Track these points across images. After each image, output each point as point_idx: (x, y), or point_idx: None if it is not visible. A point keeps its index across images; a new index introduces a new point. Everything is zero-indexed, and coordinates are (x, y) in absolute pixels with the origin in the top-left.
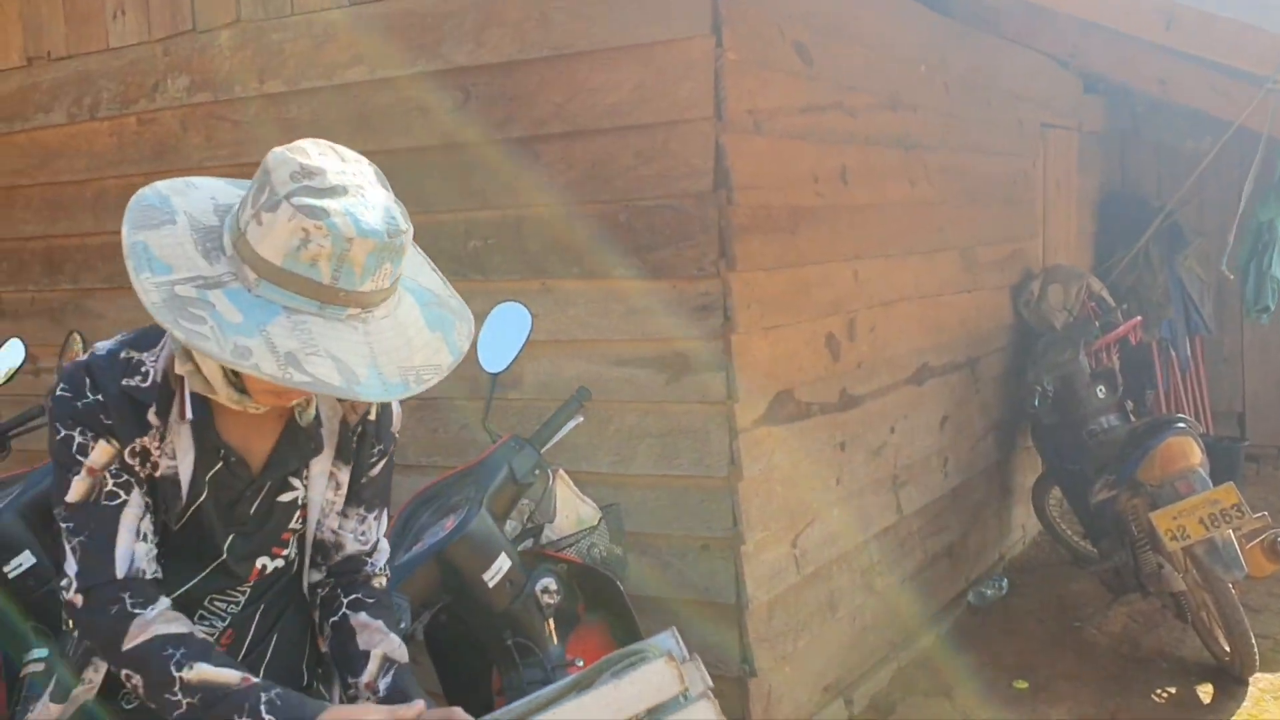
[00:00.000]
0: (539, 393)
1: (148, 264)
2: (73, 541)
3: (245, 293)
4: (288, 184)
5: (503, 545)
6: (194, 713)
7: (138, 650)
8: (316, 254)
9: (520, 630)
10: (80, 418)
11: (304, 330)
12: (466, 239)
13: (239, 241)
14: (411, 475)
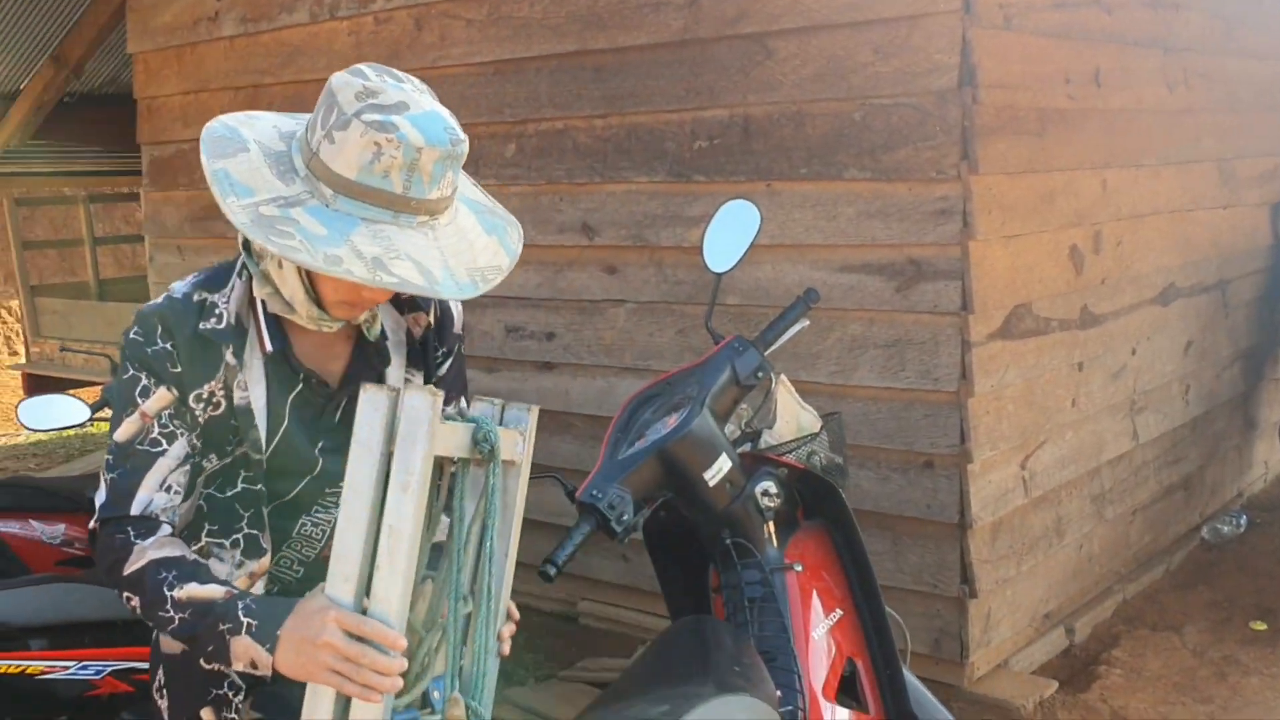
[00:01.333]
0: (757, 299)
1: (231, 189)
2: (107, 475)
3: (323, 208)
4: (354, 103)
5: (724, 445)
6: (184, 625)
7: (136, 574)
8: (389, 165)
9: (739, 530)
10: (148, 362)
11: (383, 238)
12: (692, 139)
13: (312, 162)
14: (627, 378)
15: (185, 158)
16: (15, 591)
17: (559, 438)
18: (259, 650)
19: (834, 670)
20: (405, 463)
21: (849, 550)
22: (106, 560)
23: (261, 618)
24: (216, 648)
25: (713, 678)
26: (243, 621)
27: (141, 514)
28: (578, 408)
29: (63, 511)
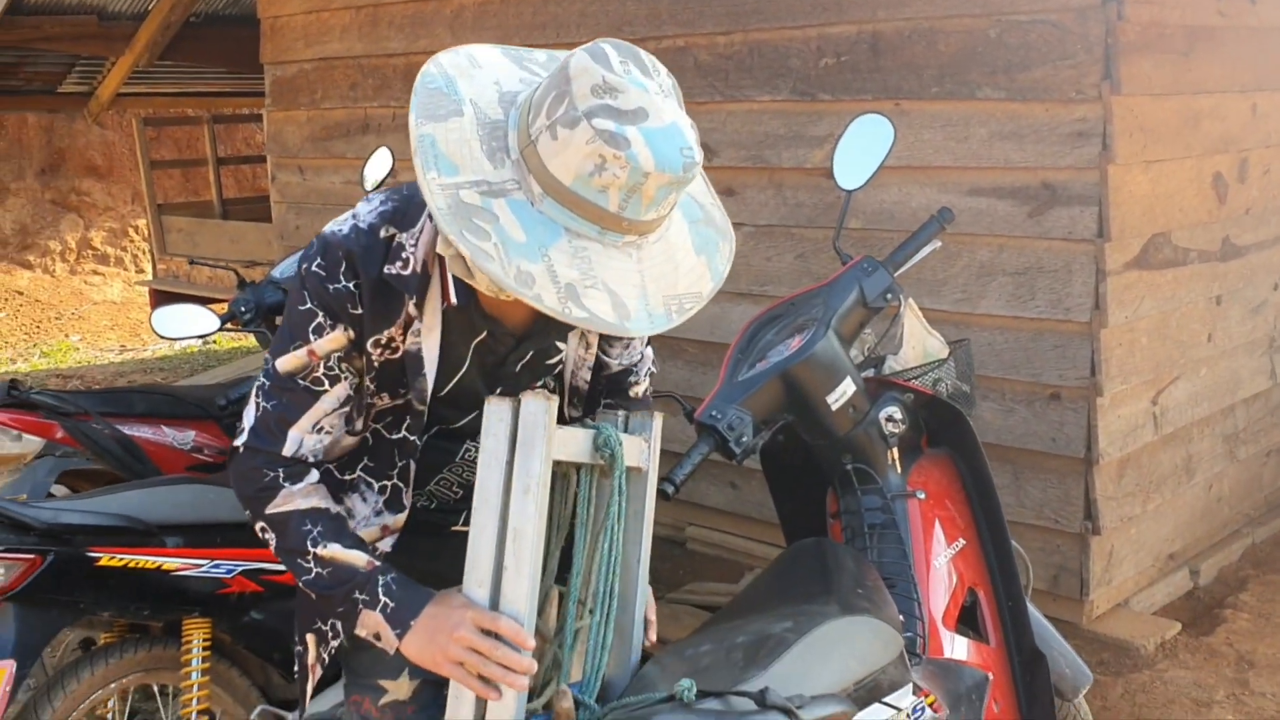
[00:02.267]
0: (881, 222)
1: (434, 162)
2: (261, 402)
3: (528, 206)
4: (589, 99)
5: (848, 369)
6: (319, 580)
7: (279, 516)
8: (609, 183)
9: (860, 456)
10: (328, 301)
11: (584, 258)
12: (818, 56)
13: (527, 150)
14: (742, 304)
15: (307, 77)
16: (152, 490)
17: (670, 363)
18: (388, 630)
19: (954, 599)
20: (525, 467)
21: (974, 479)
22: (247, 489)
23: (399, 601)
24: (346, 611)
25: (836, 598)
26: (380, 599)
27: (293, 455)
28: (690, 333)
29: (193, 419)
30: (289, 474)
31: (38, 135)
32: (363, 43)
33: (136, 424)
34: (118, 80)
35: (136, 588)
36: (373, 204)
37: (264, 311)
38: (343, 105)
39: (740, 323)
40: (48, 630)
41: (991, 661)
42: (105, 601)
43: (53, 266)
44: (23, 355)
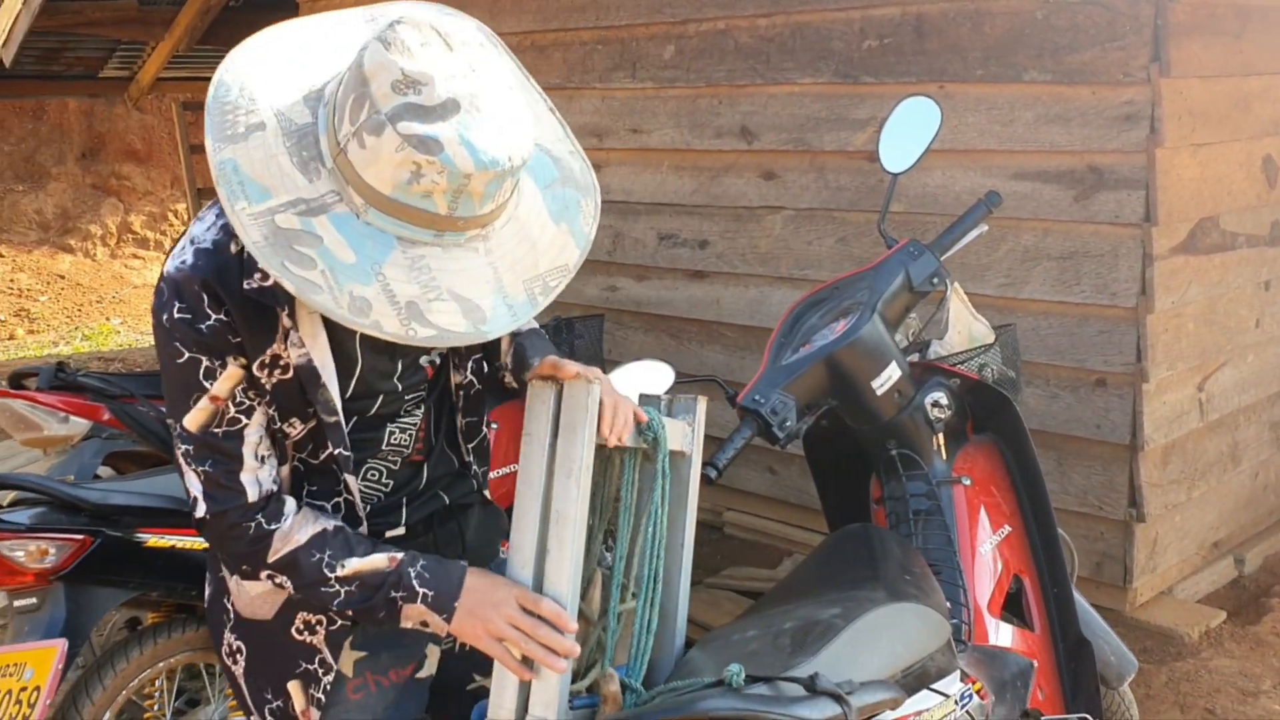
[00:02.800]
0: (924, 206)
1: (241, 189)
2: (195, 467)
3: (353, 219)
4: (391, 99)
5: (894, 353)
6: (351, 599)
7: (284, 559)
8: (430, 189)
9: (905, 441)
10: (204, 341)
11: (422, 268)
12: (861, 38)
13: (339, 159)
14: (782, 288)
15: None
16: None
17: (708, 348)
18: (435, 618)
19: (1000, 586)
20: (568, 450)
21: (1020, 466)
22: (238, 549)
23: (437, 587)
24: (388, 613)
25: (884, 584)
26: (418, 591)
27: (259, 496)
28: (729, 317)
29: None
30: (268, 515)
31: (78, 120)
32: None
33: None
34: (157, 65)
35: (184, 568)
36: (207, 220)
37: None
38: None
39: (780, 307)
40: (97, 610)
41: (1036, 648)
42: (153, 582)
43: (93, 250)
44: (64, 338)
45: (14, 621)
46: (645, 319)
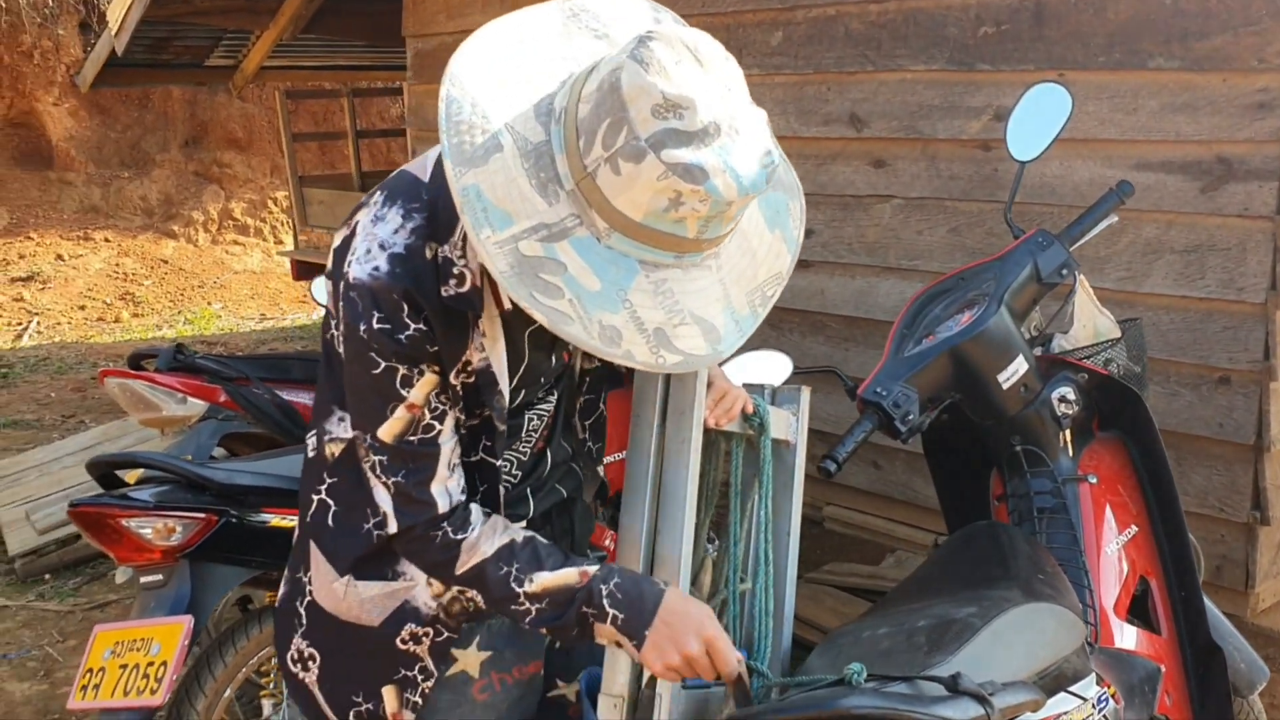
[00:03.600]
0: (1042, 196)
1: (485, 217)
2: (386, 479)
3: (595, 243)
4: (651, 124)
5: (1020, 346)
6: (543, 616)
7: (472, 572)
8: (687, 215)
9: (1030, 437)
10: (404, 352)
11: (665, 292)
12: (977, 25)
13: (584, 183)
14: (890, 279)
15: (449, 50)
16: None
17: (811, 339)
18: (625, 641)
19: (1126, 588)
20: (676, 432)
21: (1147, 465)
22: (427, 561)
23: (628, 610)
24: (580, 631)
25: (1018, 584)
26: (608, 613)
27: (448, 509)
28: (833, 308)
29: None
30: (454, 524)
31: (182, 108)
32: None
33: (294, 389)
34: (261, 54)
35: None
36: (393, 221)
37: None
38: None
39: (887, 298)
40: (220, 588)
41: (1163, 653)
42: (274, 561)
43: (195, 236)
44: (168, 322)
45: (140, 597)
46: None
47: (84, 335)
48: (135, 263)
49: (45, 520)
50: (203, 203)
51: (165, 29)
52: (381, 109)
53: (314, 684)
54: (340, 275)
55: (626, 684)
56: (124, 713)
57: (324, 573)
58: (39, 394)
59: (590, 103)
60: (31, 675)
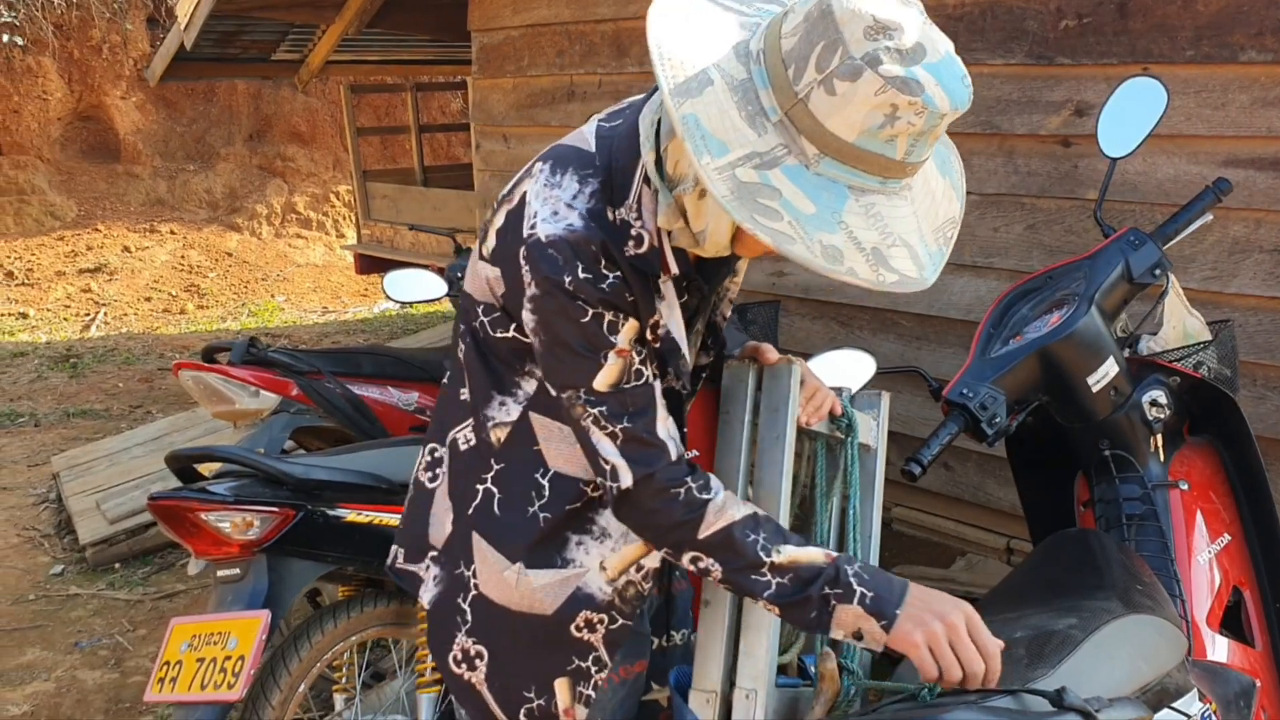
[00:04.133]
0: (1124, 194)
1: (704, 145)
2: (612, 427)
3: (804, 171)
4: (864, 44)
5: (1111, 348)
6: (783, 591)
7: (718, 536)
8: (900, 131)
9: (1120, 441)
10: (608, 299)
11: (875, 215)
12: (1058, 18)
13: (794, 109)
14: (965, 276)
15: (514, 44)
16: (395, 450)
17: (881, 336)
18: (871, 623)
19: (1218, 599)
20: (770, 427)
21: (1240, 471)
22: (670, 519)
23: (876, 589)
24: (819, 613)
25: (1117, 594)
26: (856, 590)
27: (679, 454)
28: (905, 306)
29: (417, 380)
30: (699, 484)
31: (246, 102)
32: (570, 9)
33: (364, 384)
34: (327, 48)
35: (379, 544)
36: (570, 187)
37: None
38: (549, 73)
39: (961, 296)
40: (298, 582)
41: (1258, 666)
42: (350, 556)
43: (259, 229)
44: (232, 314)
45: (217, 590)
46: (813, 305)
47: (150, 326)
48: (200, 255)
49: (116, 510)
50: (266, 196)
51: (233, 23)
52: (442, 104)
53: (482, 683)
54: (523, 241)
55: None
56: (201, 707)
57: (492, 563)
58: (107, 384)
59: (797, 34)
60: (103, 664)
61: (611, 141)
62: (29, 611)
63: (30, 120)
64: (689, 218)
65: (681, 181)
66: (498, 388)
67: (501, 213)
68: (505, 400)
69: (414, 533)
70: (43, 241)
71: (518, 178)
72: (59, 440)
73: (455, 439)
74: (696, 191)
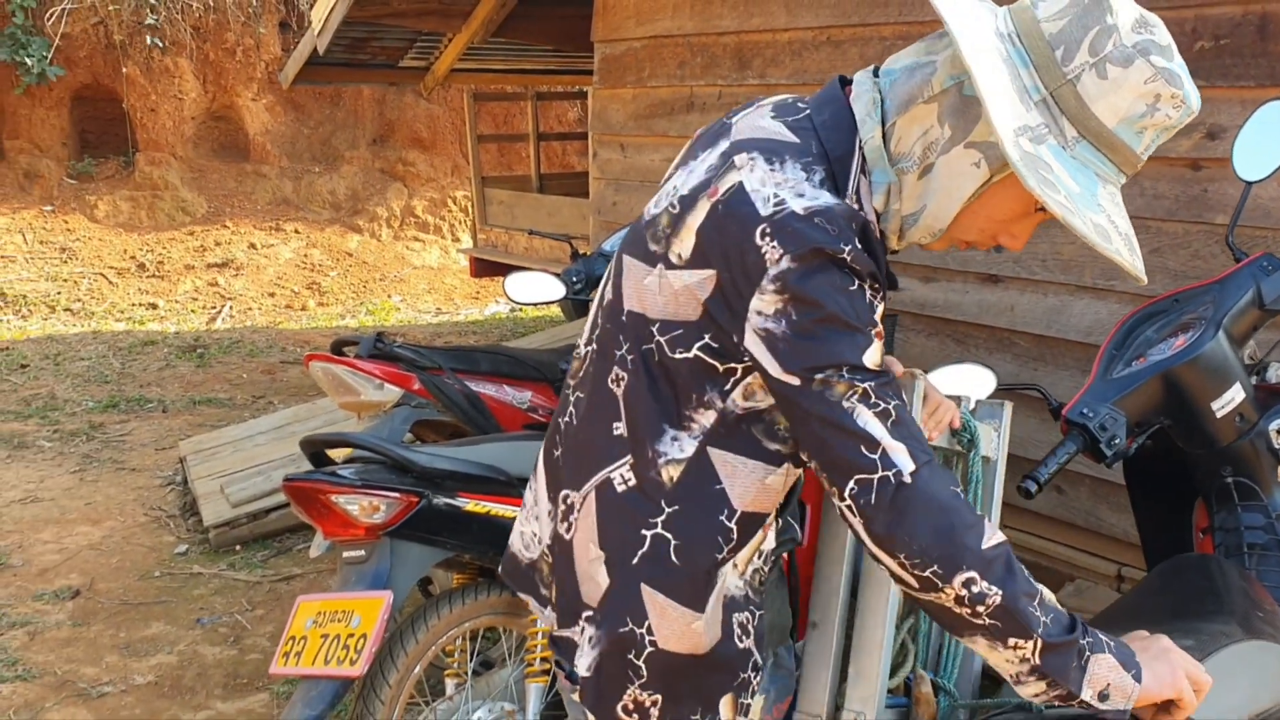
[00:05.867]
0: (1257, 220)
1: (994, 105)
2: (884, 404)
3: (1062, 151)
4: (1134, 35)
5: (1238, 373)
6: (1049, 632)
7: (1000, 551)
8: (1154, 124)
9: (1243, 469)
10: (875, 272)
11: (1117, 205)
12: (1193, 39)
13: (1061, 89)
14: (1084, 297)
15: (635, 55)
16: (513, 444)
17: (997, 355)
18: (1123, 674)
19: None
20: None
21: None
22: (958, 522)
23: (1114, 639)
24: (1079, 663)
25: (1236, 619)
26: (1103, 640)
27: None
28: (1023, 325)
29: (530, 380)
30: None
31: (371, 107)
32: (694, 21)
33: (481, 381)
34: (453, 56)
35: (496, 535)
36: (797, 174)
37: (593, 282)
38: (669, 84)
39: (1081, 317)
40: (418, 567)
41: None
42: (468, 545)
43: (379, 231)
44: (351, 312)
45: (342, 571)
46: (929, 322)
47: (273, 321)
48: (322, 254)
49: (239, 494)
50: (387, 199)
51: (364, 30)
52: (560, 113)
53: None
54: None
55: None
56: (325, 681)
57: (674, 618)
58: (231, 375)
59: (1065, 18)
60: (222, 641)
61: (817, 133)
62: (154, 588)
63: (166, 119)
64: (904, 199)
65: (904, 159)
66: (669, 420)
67: (700, 209)
68: (678, 435)
69: (565, 593)
70: (173, 236)
71: (705, 174)
72: (185, 426)
73: (609, 479)
74: (919, 170)
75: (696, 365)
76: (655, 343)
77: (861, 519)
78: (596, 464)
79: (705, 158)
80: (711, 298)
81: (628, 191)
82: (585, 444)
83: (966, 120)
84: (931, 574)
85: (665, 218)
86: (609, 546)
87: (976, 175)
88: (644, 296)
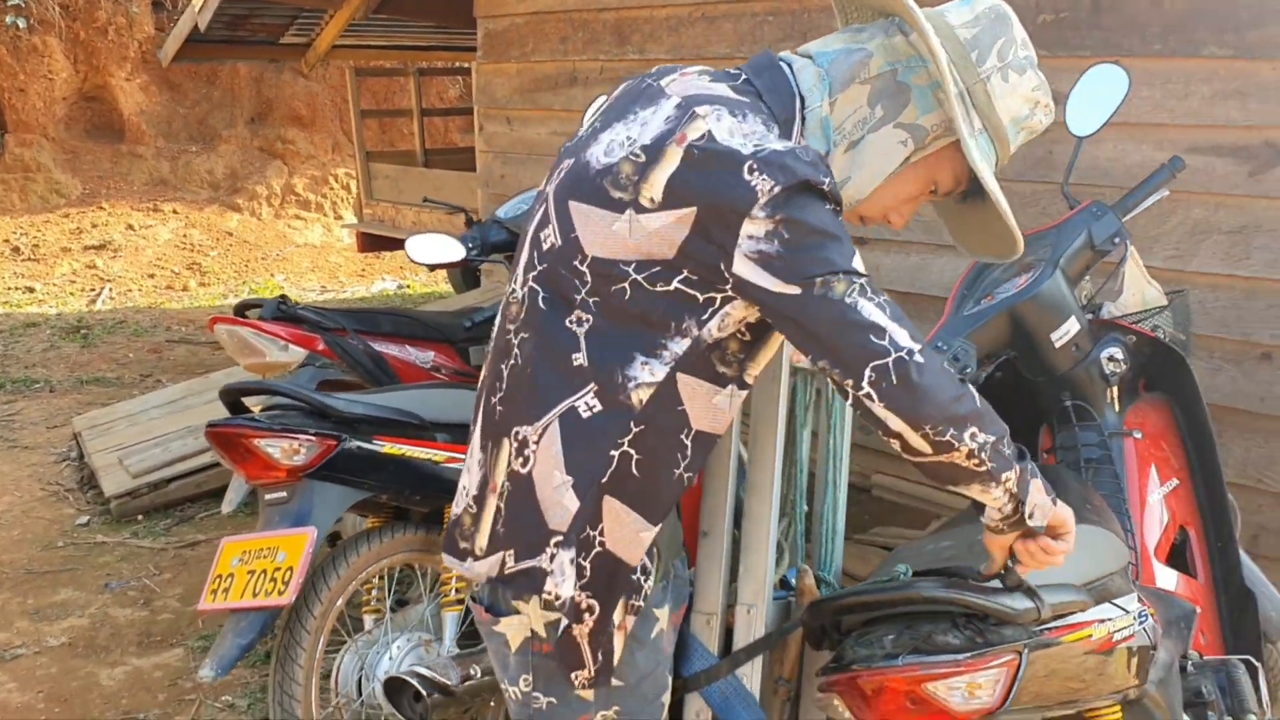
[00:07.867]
0: (1095, 178)
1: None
2: (878, 298)
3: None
4: (1024, 48)
5: (1073, 308)
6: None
7: (983, 404)
8: (1028, 126)
9: (1080, 393)
10: (840, 202)
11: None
12: (1036, 13)
13: (975, 87)
14: (944, 256)
15: (518, 30)
16: (426, 391)
17: None
18: (1045, 497)
19: (1166, 535)
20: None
21: (1190, 424)
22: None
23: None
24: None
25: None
26: (1030, 464)
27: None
28: (888, 284)
29: (432, 340)
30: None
31: (248, 86)
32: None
33: (384, 342)
34: (334, 33)
35: (412, 476)
36: (759, 128)
37: (488, 248)
38: (552, 58)
39: (941, 275)
40: (337, 507)
41: (1200, 596)
42: (384, 485)
43: (259, 210)
44: (233, 291)
45: (264, 513)
46: None
47: (154, 302)
48: (202, 234)
49: (139, 465)
50: (266, 178)
51: (244, 6)
52: (440, 90)
53: (584, 637)
54: (748, 157)
55: (719, 602)
56: (254, 613)
57: (628, 524)
58: (117, 354)
59: (978, 26)
60: (132, 603)
61: (761, 96)
62: (59, 556)
63: (36, 99)
64: (832, 169)
65: (836, 132)
66: (641, 349)
67: (670, 155)
68: (649, 361)
69: (523, 528)
70: (48, 218)
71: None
72: (74, 405)
73: (573, 408)
74: (846, 144)
75: (677, 296)
76: (630, 281)
77: (884, 401)
78: (556, 396)
79: (649, 113)
80: (690, 234)
81: (515, 164)
82: (536, 380)
83: (898, 103)
84: (950, 436)
85: (628, 165)
86: (575, 470)
87: (901, 153)
88: (611, 240)
